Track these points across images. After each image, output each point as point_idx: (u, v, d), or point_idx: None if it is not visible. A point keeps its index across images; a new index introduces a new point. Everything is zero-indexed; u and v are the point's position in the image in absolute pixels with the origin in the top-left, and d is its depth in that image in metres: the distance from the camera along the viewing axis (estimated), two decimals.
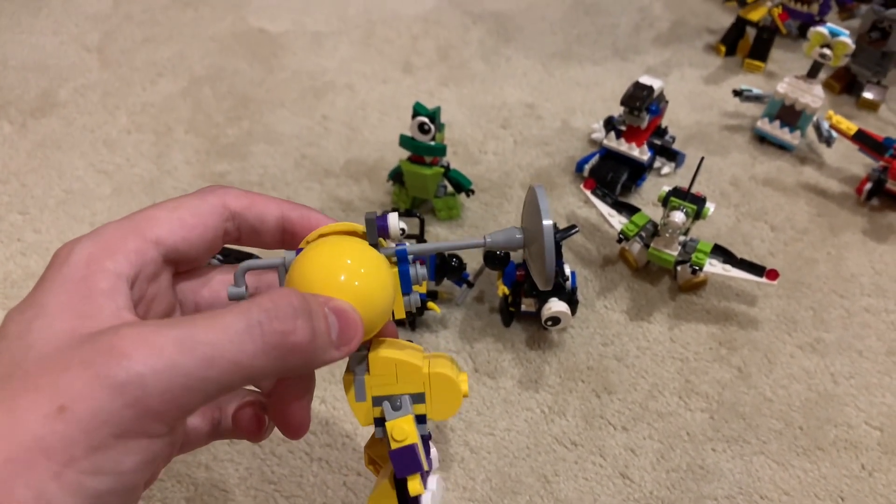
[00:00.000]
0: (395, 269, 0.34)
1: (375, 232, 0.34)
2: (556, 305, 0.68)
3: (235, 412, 0.36)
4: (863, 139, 0.88)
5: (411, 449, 0.34)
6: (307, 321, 0.28)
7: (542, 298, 0.70)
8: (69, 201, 0.86)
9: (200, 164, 0.91)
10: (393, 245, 0.35)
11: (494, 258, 0.70)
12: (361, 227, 0.35)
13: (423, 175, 0.79)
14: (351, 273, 0.31)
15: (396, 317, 0.35)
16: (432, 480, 0.39)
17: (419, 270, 0.35)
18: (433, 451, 0.40)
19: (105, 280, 0.29)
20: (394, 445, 0.35)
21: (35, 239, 0.81)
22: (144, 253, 0.31)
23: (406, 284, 0.35)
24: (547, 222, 0.32)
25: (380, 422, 0.36)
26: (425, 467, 0.35)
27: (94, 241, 0.30)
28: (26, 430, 0.24)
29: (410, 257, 0.35)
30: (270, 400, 0.36)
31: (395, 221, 0.34)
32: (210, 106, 1.00)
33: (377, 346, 0.36)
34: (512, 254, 0.71)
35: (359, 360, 0.35)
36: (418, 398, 0.36)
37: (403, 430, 0.34)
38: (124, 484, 0.25)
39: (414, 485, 0.34)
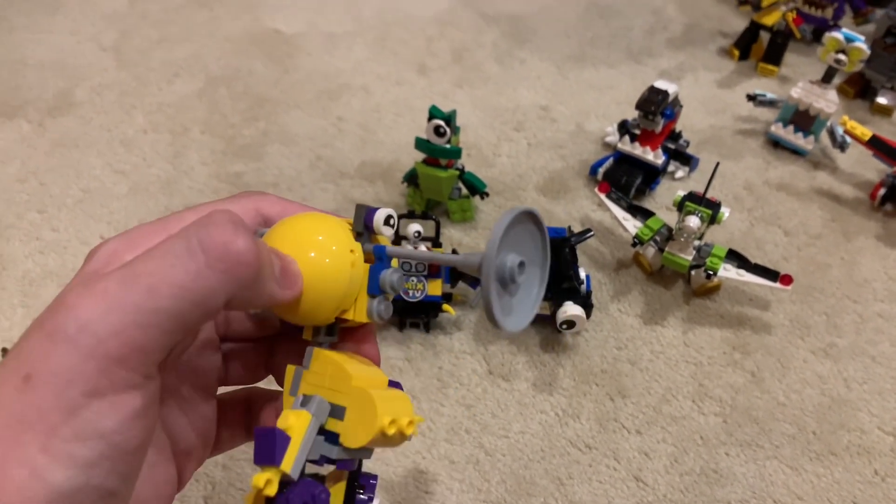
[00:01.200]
0: (366, 267, 0.32)
1: (361, 220, 0.33)
2: (571, 309, 0.68)
3: (262, 412, 0.36)
4: (877, 144, 0.88)
5: (275, 434, 0.29)
6: (248, 234, 0.27)
7: (557, 302, 0.70)
8: (87, 200, 0.86)
9: (216, 165, 0.92)
10: (373, 245, 0.33)
11: None
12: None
13: (438, 177, 0.80)
14: (304, 238, 0.31)
15: (356, 318, 0.32)
16: (376, 501, 0.34)
17: (391, 277, 0.32)
18: (376, 502, 0.35)
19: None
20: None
21: (53, 237, 0.81)
22: None
23: (373, 284, 0.32)
24: (489, 253, 0.28)
25: None
26: (284, 469, 0.29)
27: (122, 238, 0.30)
28: (1, 406, 0.24)
29: (400, 263, 0.33)
30: (277, 404, 0.36)
31: (381, 216, 0.32)
32: (226, 106, 1.01)
33: (338, 353, 0.33)
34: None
35: (309, 354, 0.33)
36: (338, 412, 0.32)
37: (289, 419, 0.30)
38: (115, 448, 0.25)
39: (259, 477, 0.28)
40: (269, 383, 0.38)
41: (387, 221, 0.33)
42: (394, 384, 0.35)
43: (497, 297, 0.29)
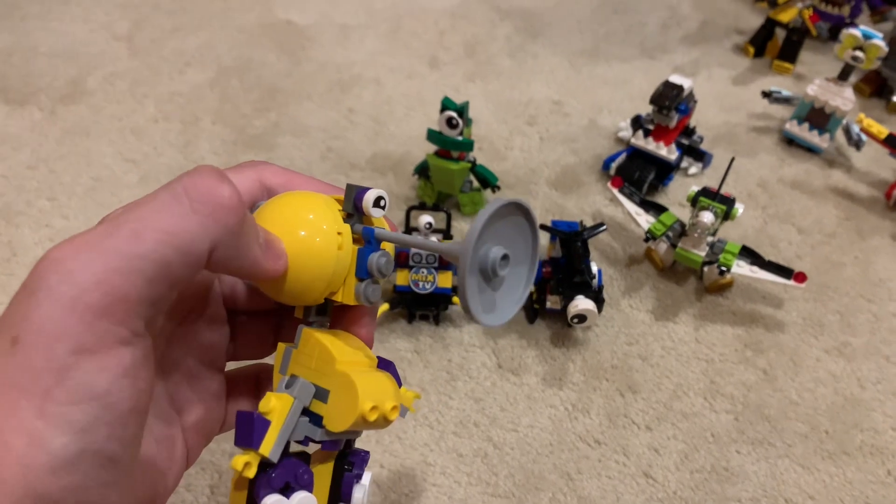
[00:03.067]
0: (354, 248, 0.32)
1: (351, 200, 0.32)
2: (582, 303, 0.68)
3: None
4: (894, 143, 0.88)
5: (253, 419, 0.30)
6: (232, 184, 0.27)
7: (569, 296, 0.69)
8: (97, 188, 0.86)
9: (227, 155, 0.92)
10: (362, 227, 0.33)
11: None
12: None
13: (450, 170, 0.79)
14: (290, 216, 0.31)
15: (343, 300, 0.32)
16: (367, 476, 0.34)
17: (379, 259, 0.31)
18: (366, 477, 0.34)
19: None
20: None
21: (63, 225, 0.81)
22: None
23: (361, 267, 0.32)
24: (468, 242, 0.27)
25: None
26: (263, 453, 0.30)
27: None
28: None
29: (388, 247, 0.33)
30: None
31: (370, 197, 0.31)
32: (237, 97, 1.01)
33: (329, 332, 0.33)
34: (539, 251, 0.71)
35: (299, 333, 0.33)
36: (323, 395, 0.32)
37: (270, 402, 0.30)
38: (109, 409, 0.24)
39: (238, 459, 0.29)
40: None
41: (377, 203, 0.32)
42: (384, 364, 0.35)
43: (476, 290, 0.29)
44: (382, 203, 0.32)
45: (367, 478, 0.34)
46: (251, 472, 0.30)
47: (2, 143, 0.91)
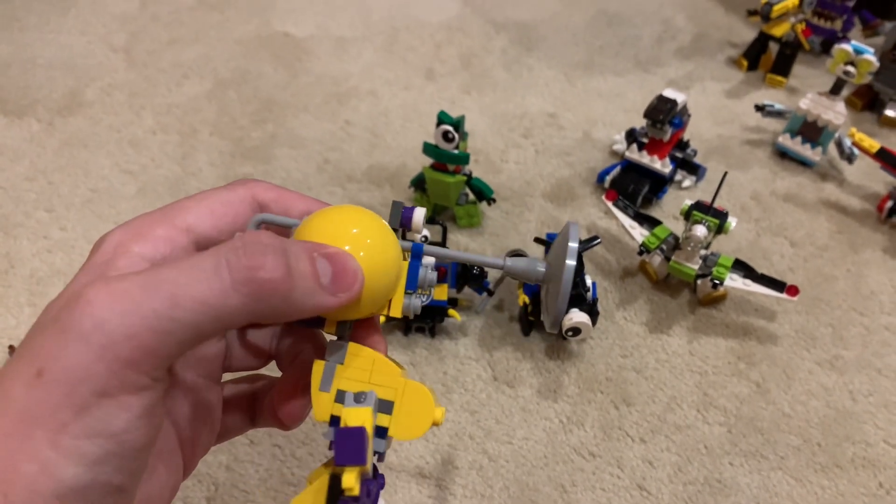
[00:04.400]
0: (405, 263, 0.33)
1: (399, 217, 0.33)
2: (577, 316, 0.68)
3: (267, 400, 0.36)
4: (885, 157, 0.88)
5: (361, 433, 0.30)
6: (279, 257, 0.27)
7: None
8: (95, 200, 0.87)
9: (224, 166, 0.92)
10: (411, 242, 0.34)
11: None
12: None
13: (446, 183, 0.80)
14: (359, 232, 0.30)
15: (392, 313, 0.33)
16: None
17: (429, 274, 0.33)
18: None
19: (126, 260, 0.29)
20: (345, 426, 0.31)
21: (61, 237, 0.82)
22: (174, 240, 0.31)
23: (412, 282, 0.33)
24: (570, 263, 0.31)
25: (335, 421, 0.32)
26: (368, 467, 0.30)
27: (126, 229, 0.30)
28: (13, 400, 0.24)
29: (426, 259, 0.33)
30: (272, 391, 0.36)
31: (420, 216, 0.33)
32: (235, 108, 1.01)
33: (361, 345, 0.33)
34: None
35: (337, 348, 0.33)
36: (385, 407, 0.32)
37: (360, 416, 0.31)
38: (122, 446, 0.25)
39: (349, 477, 0.29)
40: (270, 370, 0.38)
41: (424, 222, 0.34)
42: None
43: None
44: (425, 233, 0.34)
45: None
46: (359, 489, 0.30)
47: (0, 154, 0.92)
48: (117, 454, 0.25)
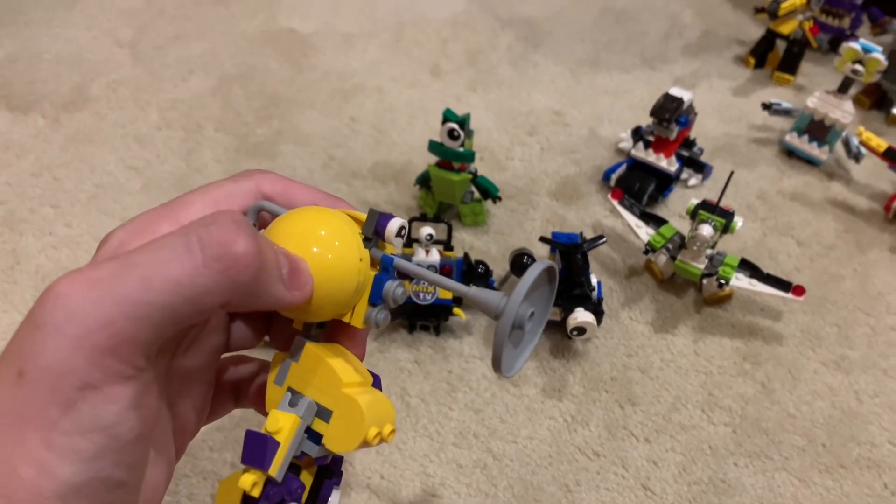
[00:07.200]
0: (373, 273, 0.32)
1: (373, 225, 0.32)
2: (582, 315, 0.68)
3: (251, 382, 0.36)
4: (893, 156, 0.88)
5: (265, 440, 0.30)
6: (251, 236, 0.26)
7: (568, 308, 0.70)
8: (100, 196, 0.87)
9: (230, 162, 0.92)
10: (381, 253, 0.33)
11: (521, 266, 0.70)
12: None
13: (451, 181, 0.80)
14: (317, 240, 0.30)
15: (353, 322, 0.32)
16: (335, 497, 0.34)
17: (396, 289, 0.32)
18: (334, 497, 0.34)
19: None
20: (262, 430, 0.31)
21: (66, 233, 0.82)
22: None
23: (376, 293, 0.32)
24: (510, 307, 0.29)
25: None
26: (271, 473, 0.30)
27: (129, 226, 0.30)
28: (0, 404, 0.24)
29: (396, 274, 0.32)
30: (258, 381, 0.36)
31: (394, 226, 0.32)
32: (240, 104, 1.01)
33: (327, 346, 0.33)
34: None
35: (298, 346, 0.33)
36: (324, 414, 0.32)
37: (279, 422, 0.30)
38: (116, 439, 0.25)
39: (247, 478, 0.29)
40: (256, 352, 0.38)
41: (399, 233, 0.32)
42: (374, 378, 0.35)
43: (508, 347, 0.30)
44: (403, 233, 0.32)
45: (335, 497, 0.34)
46: (258, 492, 0.30)
47: (5, 150, 0.92)
48: (112, 448, 0.24)
